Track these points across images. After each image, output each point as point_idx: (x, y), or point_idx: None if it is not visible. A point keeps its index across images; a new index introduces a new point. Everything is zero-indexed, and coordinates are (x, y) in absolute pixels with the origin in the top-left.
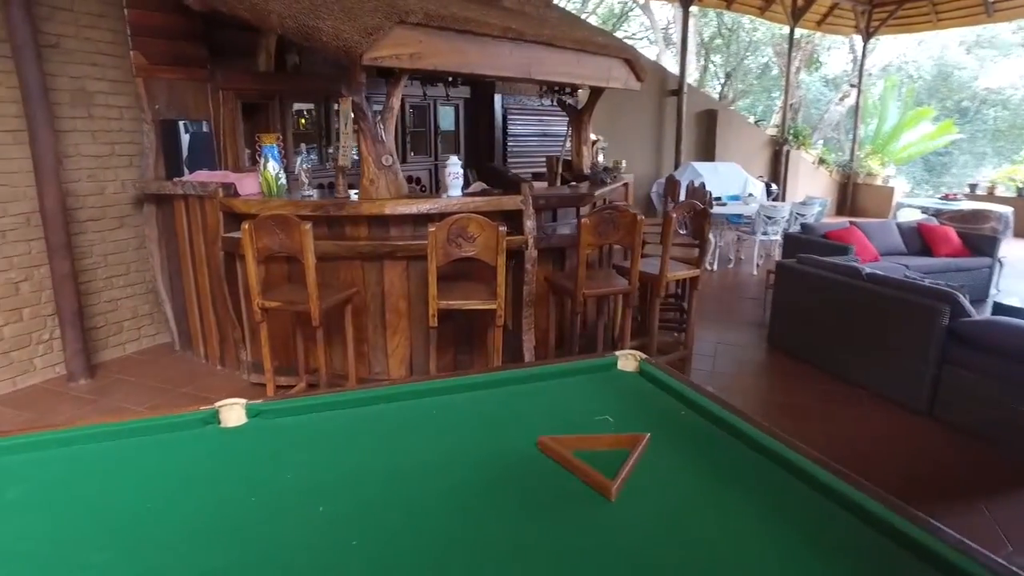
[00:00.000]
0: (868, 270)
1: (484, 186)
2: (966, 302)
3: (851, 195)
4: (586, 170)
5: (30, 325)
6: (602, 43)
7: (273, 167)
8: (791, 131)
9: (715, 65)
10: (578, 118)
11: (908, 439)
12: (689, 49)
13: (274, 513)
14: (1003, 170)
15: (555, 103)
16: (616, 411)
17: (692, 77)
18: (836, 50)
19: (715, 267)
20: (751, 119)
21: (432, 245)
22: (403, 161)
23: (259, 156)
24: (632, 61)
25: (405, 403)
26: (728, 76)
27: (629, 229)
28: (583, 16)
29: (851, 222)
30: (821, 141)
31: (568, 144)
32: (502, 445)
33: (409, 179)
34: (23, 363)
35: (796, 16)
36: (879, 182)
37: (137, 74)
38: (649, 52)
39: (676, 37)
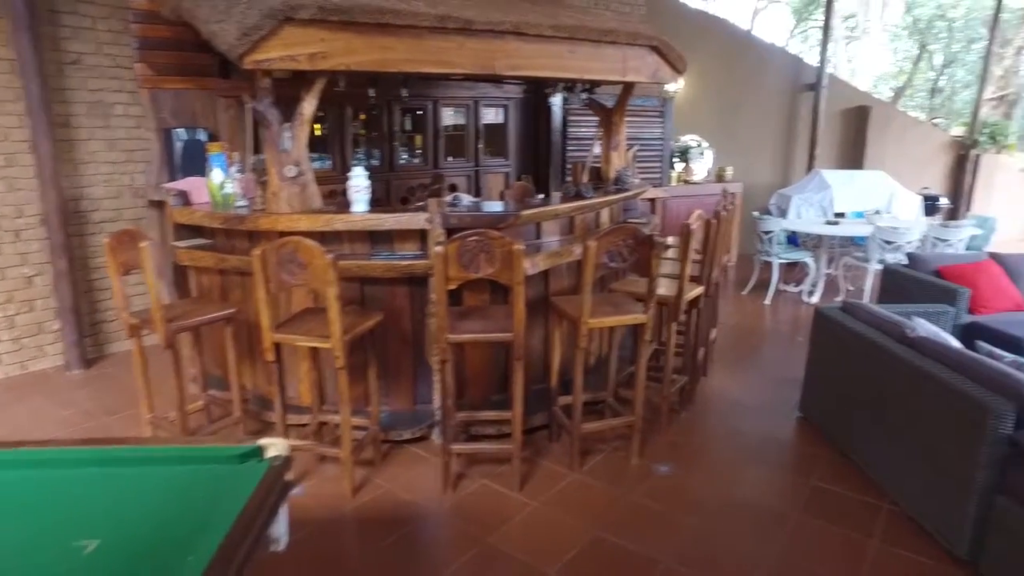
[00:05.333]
0: (920, 332)
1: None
2: None
3: None
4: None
5: (40, 316)
6: (605, 29)
7: (217, 176)
8: (985, 130)
9: (929, 52)
10: (608, 118)
11: None
12: (893, 35)
13: None
14: None
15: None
16: (141, 532)
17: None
18: None
19: (814, 298)
20: (922, 117)
21: (258, 269)
22: (435, 167)
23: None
24: (662, 49)
25: None
26: (944, 67)
27: (507, 261)
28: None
29: (992, 254)
30: None
31: (597, 149)
32: None
33: (453, 188)
34: (32, 349)
35: None
36: None
37: (142, 85)
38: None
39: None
